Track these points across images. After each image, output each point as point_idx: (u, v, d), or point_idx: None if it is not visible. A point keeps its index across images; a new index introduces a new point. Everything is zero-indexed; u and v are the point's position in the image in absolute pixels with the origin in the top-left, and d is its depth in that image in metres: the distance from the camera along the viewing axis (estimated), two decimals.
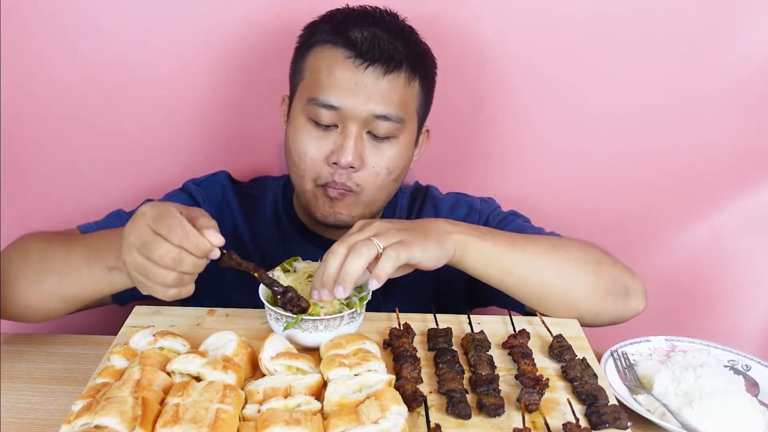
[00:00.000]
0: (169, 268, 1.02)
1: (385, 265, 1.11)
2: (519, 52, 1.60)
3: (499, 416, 1.02)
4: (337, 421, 0.92)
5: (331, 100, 1.28)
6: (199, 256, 1.03)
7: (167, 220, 1.02)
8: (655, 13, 1.57)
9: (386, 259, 1.11)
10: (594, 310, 1.28)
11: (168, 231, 1.01)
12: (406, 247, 1.13)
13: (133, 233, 1.04)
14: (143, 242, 1.02)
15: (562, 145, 1.68)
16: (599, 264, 1.29)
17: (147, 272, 1.04)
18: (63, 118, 1.63)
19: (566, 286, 1.26)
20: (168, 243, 1.01)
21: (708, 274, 1.78)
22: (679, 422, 1.07)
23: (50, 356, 1.24)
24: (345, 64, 1.28)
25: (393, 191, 1.41)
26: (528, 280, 1.25)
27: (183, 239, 1.01)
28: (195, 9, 1.56)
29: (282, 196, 1.53)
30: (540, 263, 1.25)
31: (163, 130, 1.65)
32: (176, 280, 1.04)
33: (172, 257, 1.01)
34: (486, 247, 1.22)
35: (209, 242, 1.03)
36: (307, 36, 1.37)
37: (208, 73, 1.61)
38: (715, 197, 1.72)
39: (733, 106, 1.64)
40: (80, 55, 1.57)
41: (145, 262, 1.03)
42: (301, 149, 1.32)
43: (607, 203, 1.72)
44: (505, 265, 1.23)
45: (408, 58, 1.31)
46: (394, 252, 1.11)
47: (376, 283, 1.11)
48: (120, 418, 0.88)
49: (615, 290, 1.29)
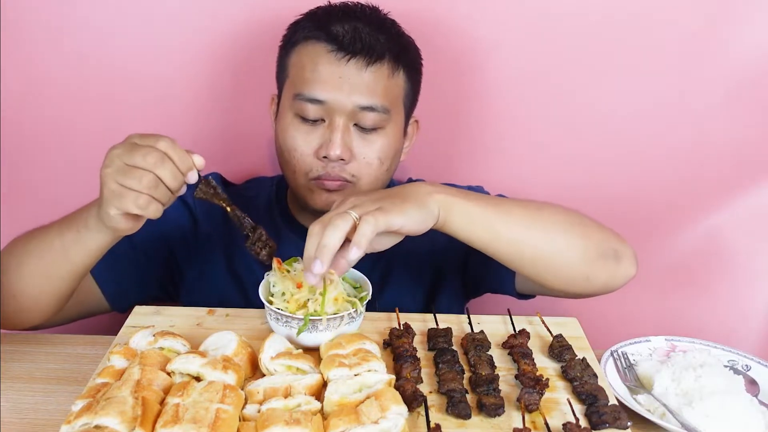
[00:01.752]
0: (149, 168, 1.03)
1: (363, 231, 1.06)
2: (513, 48, 1.61)
3: (499, 416, 1.02)
4: (337, 421, 0.92)
5: (316, 94, 1.30)
6: (180, 169, 1.05)
7: (156, 135, 1.06)
8: (654, 12, 1.57)
9: (364, 225, 1.07)
10: (585, 273, 1.25)
11: (155, 140, 1.05)
12: (384, 213, 1.09)
13: (118, 147, 1.06)
14: (127, 150, 1.05)
15: (559, 144, 1.68)
16: (586, 227, 1.27)
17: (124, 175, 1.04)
18: (62, 119, 1.63)
19: (556, 248, 1.23)
20: (153, 147, 1.04)
21: (708, 274, 1.78)
22: (679, 422, 1.07)
23: (50, 356, 1.24)
24: (328, 58, 1.30)
25: (386, 182, 1.42)
26: (517, 242, 1.20)
27: (168, 147, 1.05)
28: (186, 12, 1.57)
29: (276, 195, 1.54)
30: (528, 224, 1.22)
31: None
32: (152, 183, 1.04)
33: (155, 156, 1.03)
34: (470, 207, 1.17)
35: (192, 160, 1.07)
36: (291, 34, 1.39)
37: (199, 75, 1.61)
38: (714, 197, 1.72)
39: (733, 106, 1.64)
40: (80, 56, 1.58)
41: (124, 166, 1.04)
42: (290, 145, 1.35)
43: (605, 203, 1.71)
44: (491, 225, 1.18)
45: (390, 49, 1.33)
46: (372, 218, 1.07)
47: (357, 251, 1.07)
48: (120, 418, 0.88)
49: (605, 253, 1.26)
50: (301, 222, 1.49)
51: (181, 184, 1.07)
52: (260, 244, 1.14)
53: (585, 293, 1.30)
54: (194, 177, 1.08)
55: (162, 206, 1.07)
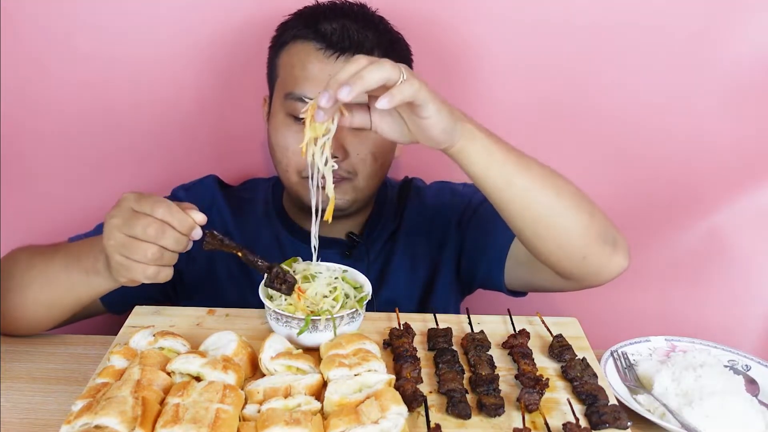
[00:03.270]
0: (152, 240, 1.04)
1: (403, 89, 0.98)
2: (513, 48, 1.61)
3: (499, 416, 1.02)
4: (337, 421, 0.92)
5: (306, 92, 1.30)
6: (182, 232, 1.06)
7: (150, 199, 1.06)
8: (655, 12, 1.57)
9: (407, 85, 0.98)
10: (583, 250, 1.22)
11: (152, 207, 1.05)
12: (427, 91, 1.01)
13: (115, 216, 1.07)
14: (126, 220, 1.05)
15: (558, 144, 1.68)
16: (593, 207, 1.25)
17: (128, 249, 1.06)
18: (61, 119, 1.63)
19: (563, 213, 1.20)
20: (151, 217, 1.05)
21: (708, 274, 1.78)
22: (679, 422, 1.07)
23: (50, 356, 1.24)
24: (316, 56, 1.30)
25: (382, 178, 1.43)
26: (528, 194, 1.16)
27: (166, 214, 1.05)
28: (179, 12, 1.57)
29: (272, 196, 1.54)
30: (543, 182, 1.18)
31: (149, 134, 1.66)
32: (157, 254, 1.06)
33: (156, 228, 1.04)
34: (492, 146, 1.13)
35: (192, 219, 1.07)
36: (279, 34, 1.40)
37: (195, 76, 1.61)
38: (714, 197, 1.72)
39: (734, 105, 1.64)
40: (80, 56, 1.58)
41: (126, 239, 1.06)
42: (282, 144, 1.35)
43: (605, 204, 1.71)
44: (507, 170, 1.14)
45: (379, 45, 1.33)
46: (418, 84, 0.99)
47: (386, 102, 0.97)
48: (120, 418, 0.88)
49: (605, 236, 1.24)
50: (299, 224, 1.49)
51: (186, 245, 1.09)
52: (278, 281, 1.14)
53: (576, 275, 1.26)
54: (198, 234, 1.09)
55: (171, 268, 1.10)
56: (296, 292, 1.17)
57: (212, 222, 1.46)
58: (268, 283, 1.15)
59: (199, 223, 1.08)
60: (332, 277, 1.20)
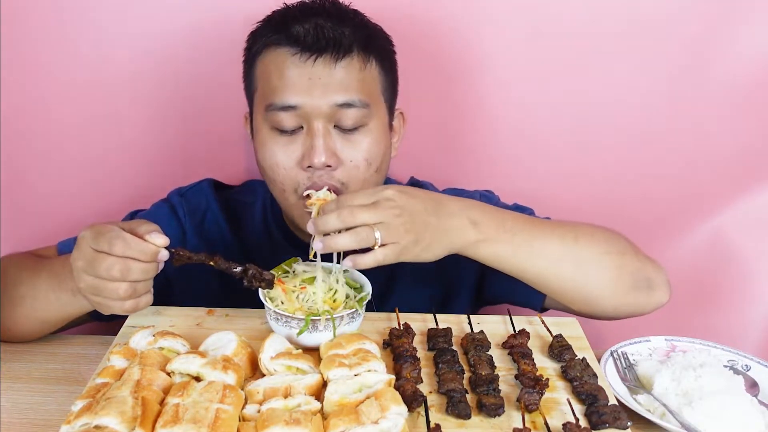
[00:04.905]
0: (119, 280, 1.04)
1: (367, 261, 1.08)
2: (513, 48, 1.60)
3: (499, 416, 1.02)
4: (337, 421, 0.92)
5: (288, 100, 1.23)
6: (146, 261, 1.05)
7: (106, 236, 1.04)
8: (656, 13, 1.57)
9: (372, 255, 1.07)
10: (614, 304, 1.26)
11: (109, 245, 1.04)
12: (403, 253, 1.09)
13: (78, 258, 1.07)
14: (88, 262, 1.05)
15: (561, 145, 1.68)
16: (623, 256, 1.25)
17: (100, 290, 1.06)
18: (61, 120, 1.63)
19: (587, 281, 1.22)
20: (111, 256, 1.03)
21: (708, 275, 1.77)
22: (679, 422, 1.07)
23: (50, 356, 1.24)
24: (293, 61, 1.23)
25: (379, 183, 1.34)
26: (546, 274, 1.21)
27: (125, 249, 1.04)
28: (180, 12, 1.56)
29: (270, 201, 1.46)
30: (559, 258, 1.20)
31: (149, 135, 1.66)
32: (129, 290, 1.06)
33: (119, 268, 1.03)
34: (497, 245, 1.17)
35: (153, 244, 1.06)
36: (251, 45, 1.33)
37: (193, 77, 1.61)
38: (715, 198, 1.72)
39: (733, 106, 1.64)
40: (79, 57, 1.58)
41: (95, 281, 1.05)
42: (272, 161, 1.27)
43: (606, 205, 1.71)
44: (519, 260, 1.19)
45: (357, 40, 1.26)
46: (388, 252, 1.08)
47: (350, 264, 1.09)
48: (120, 418, 0.88)
49: (638, 284, 1.25)
50: (298, 236, 1.43)
51: (156, 269, 1.08)
52: (255, 280, 1.14)
53: (613, 319, 1.30)
54: (164, 256, 1.08)
55: (150, 293, 1.11)
56: (278, 285, 1.17)
57: (207, 228, 1.46)
58: (248, 285, 1.15)
59: (160, 246, 1.06)
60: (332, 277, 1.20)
